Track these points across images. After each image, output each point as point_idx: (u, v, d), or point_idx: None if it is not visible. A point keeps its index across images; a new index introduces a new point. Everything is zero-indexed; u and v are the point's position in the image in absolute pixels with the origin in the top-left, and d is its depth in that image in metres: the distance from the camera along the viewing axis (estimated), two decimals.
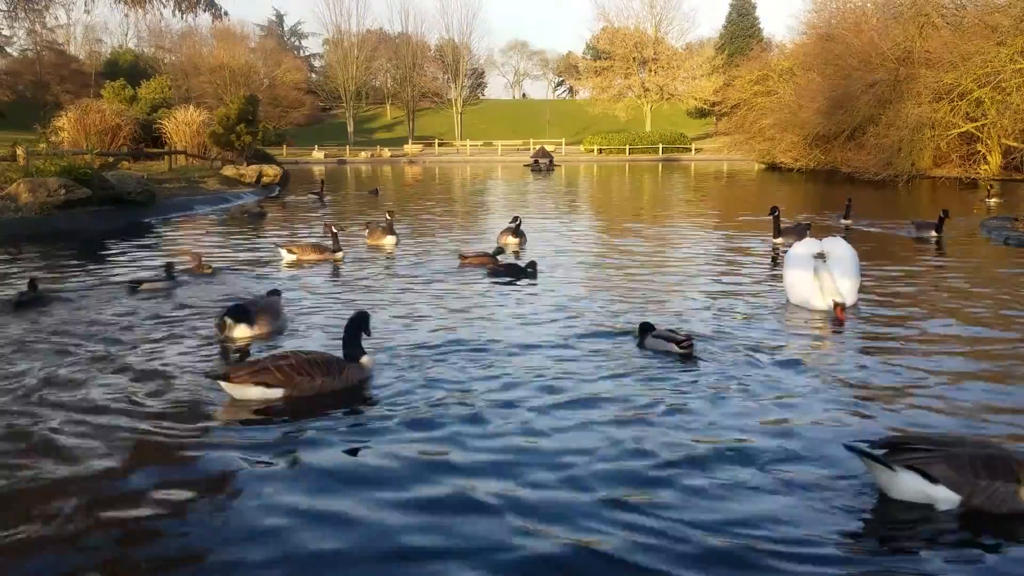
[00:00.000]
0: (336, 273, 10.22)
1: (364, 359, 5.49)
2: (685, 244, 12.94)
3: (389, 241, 12.38)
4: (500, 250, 11.04)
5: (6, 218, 14.80)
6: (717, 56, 75.06)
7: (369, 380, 5.42)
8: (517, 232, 12.35)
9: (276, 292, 7.66)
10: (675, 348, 6.05)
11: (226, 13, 32.69)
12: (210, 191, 24.25)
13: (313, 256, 11.00)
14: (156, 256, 11.83)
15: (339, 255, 11.11)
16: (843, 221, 14.98)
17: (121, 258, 11.65)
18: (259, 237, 14.45)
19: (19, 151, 21.94)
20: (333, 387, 5.18)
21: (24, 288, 8.20)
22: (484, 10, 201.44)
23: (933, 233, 12.90)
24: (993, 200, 18.92)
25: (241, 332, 6.54)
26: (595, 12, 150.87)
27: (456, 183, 35.58)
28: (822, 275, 7.47)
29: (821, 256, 7.85)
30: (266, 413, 4.86)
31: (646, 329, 6.35)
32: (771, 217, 12.38)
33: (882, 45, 33.68)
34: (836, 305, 7.20)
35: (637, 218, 18.65)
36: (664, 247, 12.55)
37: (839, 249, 7.86)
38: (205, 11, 31.89)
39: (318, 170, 49.71)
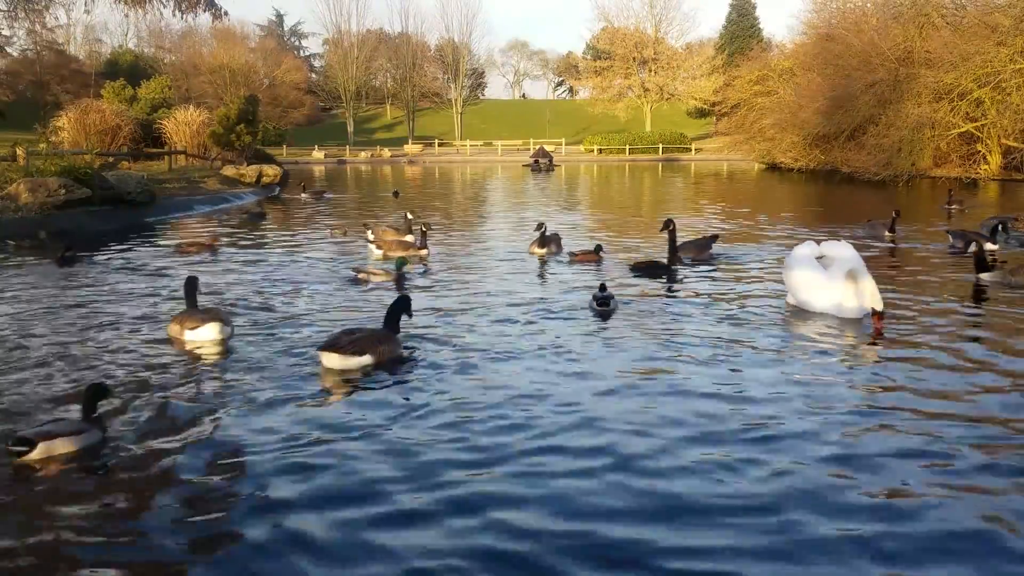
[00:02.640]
0: (428, 271, 10.34)
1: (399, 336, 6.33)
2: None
3: (408, 239, 12.38)
4: (600, 246, 11.03)
5: (6, 218, 14.80)
6: (717, 56, 75.03)
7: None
8: (544, 241, 11.39)
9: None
10: (595, 305, 7.45)
11: (226, 13, 32.60)
12: (210, 191, 24.25)
13: (399, 252, 11.17)
14: (155, 256, 11.83)
15: (424, 252, 11.27)
16: (887, 234, 12.91)
17: (121, 256, 11.66)
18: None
19: (19, 151, 21.96)
20: (393, 355, 6.03)
21: (64, 249, 11.08)
22: (484, 10, 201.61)
23: (989, 245, 11.16)
24: (954, 207, 17.66)
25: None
26: (595, 12, 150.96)
27: (465, 183, 35.58)
28: (862, 280, 6.90)
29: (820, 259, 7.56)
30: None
31: (601, 288, 7.70)
32: (665, 232, 10.53)
33: (882, 45, 33.65)
34: (875, 313, 6.62)
35: (646, 216, 18.67)
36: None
37: (844, 251, 7.43)
38: (205, 11, 31.81)
39: (318, 170, 49.75)
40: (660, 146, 68.56)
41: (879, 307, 6.63)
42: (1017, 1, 28.28)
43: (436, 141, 78.02)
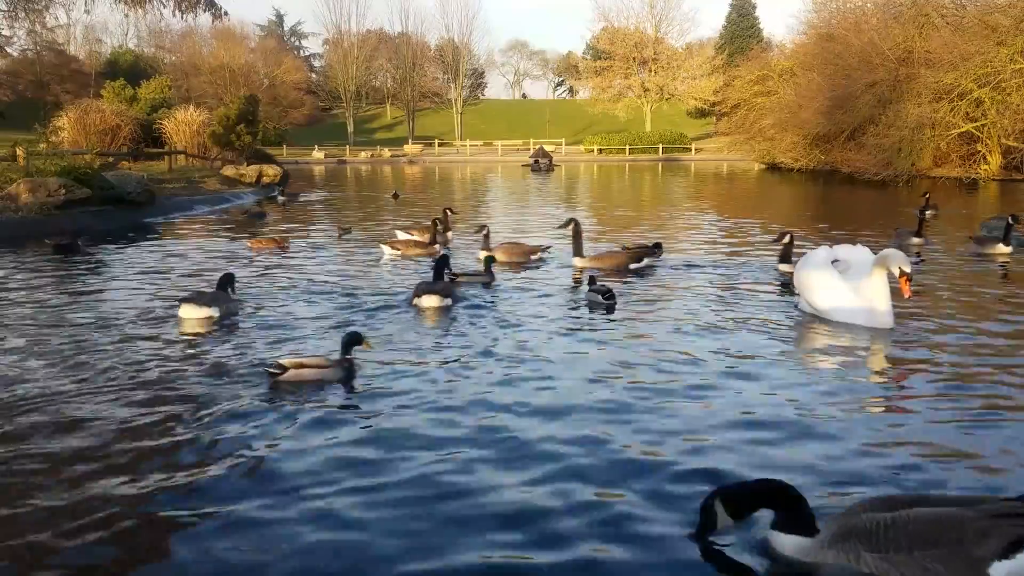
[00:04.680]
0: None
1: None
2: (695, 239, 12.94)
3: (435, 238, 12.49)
4: (659, 244, 10.94)
5: (6, 218, 14.79)
6: (717, 56, 75.08)
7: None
8: (488, 245, 10.75)
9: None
10: (600, 299, 7.59)
11: (226, 13, 32.73)
12: (210, 191, 24.25)
13: (412, 252, 11.36)
14: (154, 256, 11.84)
15: (436, 248, 11.15)
16: (915, 240, 12.36)
17: (121, 255, 11.66)
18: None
19: (19, 151, 21.93)
20: (458, 298, 7.94)
21: (73, 237, 12.00)
22: (484, 10, 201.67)
23: (1000, 247, 11.11)
24: (929, 212, 16.68)
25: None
26: (595, 12, 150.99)
27: (465, 183, 35.59)
28: (886, 252, 6.69)
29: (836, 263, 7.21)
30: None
31: (590, 282, 7.99)
32: (565, 230, 10.66)
33: (882, 45, 33.67)
34: (902, 274, 6.46)
35: (648, 216, 18.68)
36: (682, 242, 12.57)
37: (860, 254, 7.15)
38: (205, 11, 31.95)
39: (318, 170, 49.74)
40: (660, 146, 68.55)
41: (907, 269, 6.50)
42: (1017, 1, 28.30)
43: (436, 141, 78.01)
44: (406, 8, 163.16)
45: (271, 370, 5.30)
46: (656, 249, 10.74)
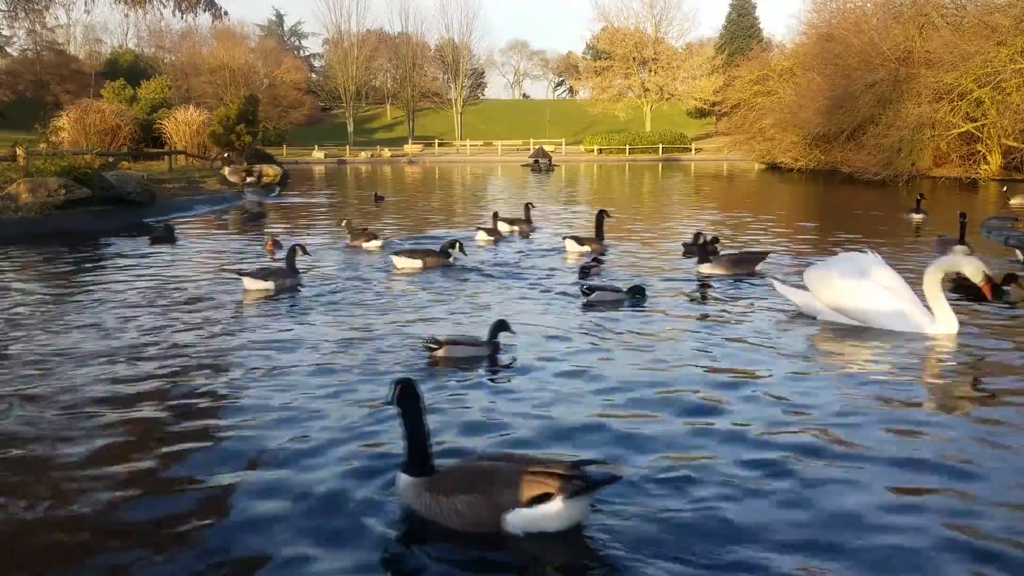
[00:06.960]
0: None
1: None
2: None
3: (484, 236, 13.10)
4: (716, 238, 11.19)
5: (6, 218, 14.78)
6: (717, 56, 75.05)
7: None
8: (359, 235, 12.46)
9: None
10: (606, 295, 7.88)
11: (226, 13, 32.65)
12: (210, 191, 24.24)
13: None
14: (164, 257, 11.83)
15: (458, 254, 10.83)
16: (958, 248, 11.31)
17: (122, 256, 11.64)
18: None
19: (19, 151, 21.96)
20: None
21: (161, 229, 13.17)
22: (484, 10, 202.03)
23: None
24: (918, 215, 16.34)
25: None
26: (595, 12, 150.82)
27: (464, 184, 35.57)
28: (964, 260, 6.76)
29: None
30: None
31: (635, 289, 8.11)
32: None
33: (882, 45, 33.66)
34: (987, 280, 6.59)
35: (649, 217, 18.67)
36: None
37: (868, 260, 6.97)
38: (205, 11, 31.87)
39: (318, 170, 49.72)
40: (660, 146, 68.54)
41: (988, 271, 6.63)
42: (1017, 1, 28.29)
43: (436, 141, 77.99)
44: (406, 8, 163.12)
45: (429, 344, 5.74)
46: (715, 243, 10.75)
